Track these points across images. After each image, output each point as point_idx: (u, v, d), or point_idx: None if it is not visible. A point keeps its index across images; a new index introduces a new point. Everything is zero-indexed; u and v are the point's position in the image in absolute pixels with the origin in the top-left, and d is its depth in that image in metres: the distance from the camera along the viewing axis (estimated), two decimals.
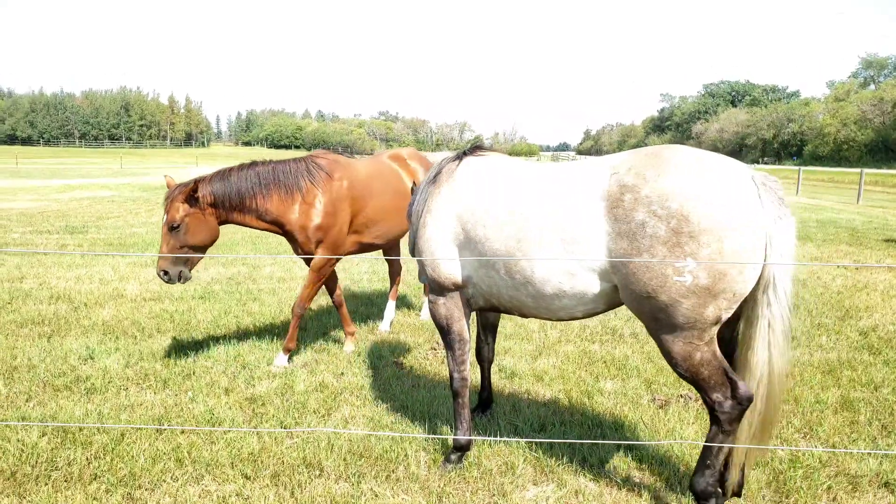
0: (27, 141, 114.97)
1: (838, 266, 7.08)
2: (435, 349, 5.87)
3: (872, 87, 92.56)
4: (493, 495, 3.47)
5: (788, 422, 4.30)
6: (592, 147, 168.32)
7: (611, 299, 3.23)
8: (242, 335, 6.21)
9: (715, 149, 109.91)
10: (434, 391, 4.85)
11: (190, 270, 5.05)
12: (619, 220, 2.97)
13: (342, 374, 5.22)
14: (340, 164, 5.61)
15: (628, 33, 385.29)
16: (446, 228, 3.66)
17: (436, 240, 3.69)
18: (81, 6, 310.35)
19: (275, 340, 6.01)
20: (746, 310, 3.01)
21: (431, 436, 4.05)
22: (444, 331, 3.80)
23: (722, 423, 3.00)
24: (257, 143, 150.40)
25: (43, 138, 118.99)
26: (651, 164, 2.98)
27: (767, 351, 2.97)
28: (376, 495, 3.44)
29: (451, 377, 3.83)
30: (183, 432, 4.06)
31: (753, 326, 2.98)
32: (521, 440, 3.98)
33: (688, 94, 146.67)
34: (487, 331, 4.43)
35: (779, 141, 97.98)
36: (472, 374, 4.73)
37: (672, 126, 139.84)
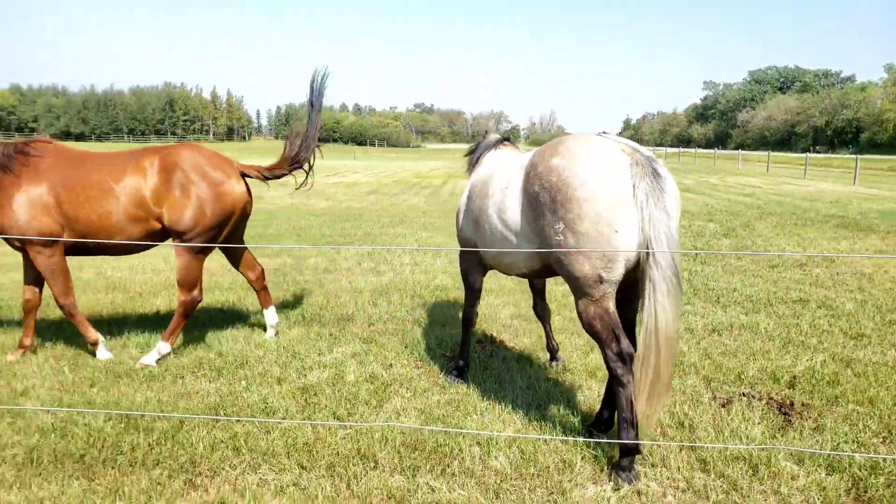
0: (80, 137, 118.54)
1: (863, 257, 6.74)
2: (482, 342, 5.79)
3: None
4: (552, 493, 3.38)
5: (865, 425, 4.09)
6: (633, 137, 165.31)
7: (542, 258, 3.78)
8: (291, 325, 6.24)
9: (762, 137, 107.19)
10: (484, 385, 4.77)
11: None
12: (527, 191, 3.69)
13: (391, 365, 5.18)
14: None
15: (670, 18, 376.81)
16: (463, 202, 4.78)
17: (460, 210, 4.82)
18: (129, 3, 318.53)
19: (324, 331, 6.01)
20: (640, 273, 3.42)
21: (483, 432, 3.97)
22: (464, 280, 4.96)
23: (615, 375, 3.48)
24: None
25: (94, 134, 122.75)
26: (550, 147, 3.67)
27: (653, 311, 3.30)
28: (432, 489, 3.39)
29: (464, 313, 4.98)
30: (238, 421, 4.08)
31: (643, 289, 3.36)
32: (577, 439, 3.88)
33: (732, 82, 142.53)
34: (536, 294, 5.41)
35: (832, 128, 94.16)
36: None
37: (716, 114, 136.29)
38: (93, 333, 5.31)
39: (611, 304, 3.48)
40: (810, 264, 9.30)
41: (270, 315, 5.92)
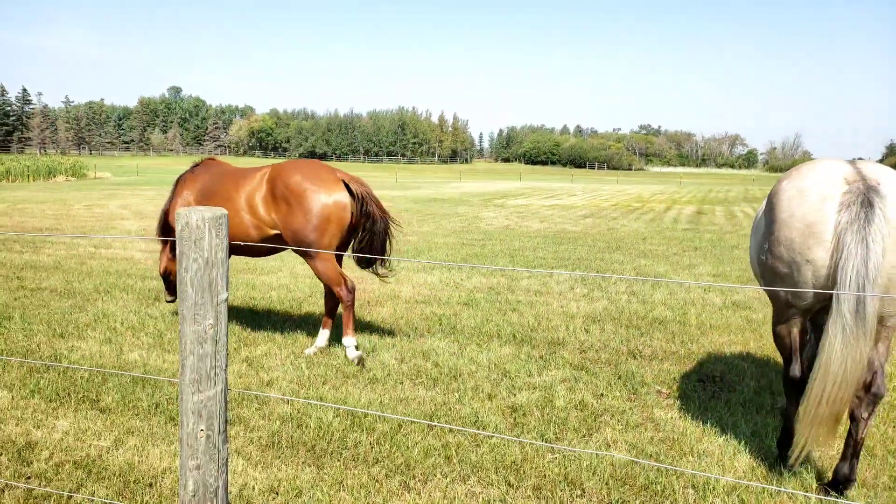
0: (323, 156, 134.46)
1: None
2: (703, 382, 5.48)
3: None
4: None
5: None
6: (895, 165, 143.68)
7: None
8: (503, 343, 6.46)
9: None
10: (703, 427, 4.51)
11: None
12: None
13: (602, 395, 5.13)
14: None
15: None
16: None
17: None
18: (367, 32, 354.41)
19: (534, 352, 6.14)
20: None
21: (700, 473, 3.77)
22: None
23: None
24: (515, 160, 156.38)
25: (335, 154, 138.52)
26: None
27: (824, 344, 3.41)
28: None
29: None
30: (451, 431, 4.34)
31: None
32: (809, 495, 3.51)
33: None
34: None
35: None
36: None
37: None
38: None
39: (795, 328, 3.73)
40: None
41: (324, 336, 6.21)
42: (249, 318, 7.27)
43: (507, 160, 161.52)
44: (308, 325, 7.03)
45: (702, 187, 55.58)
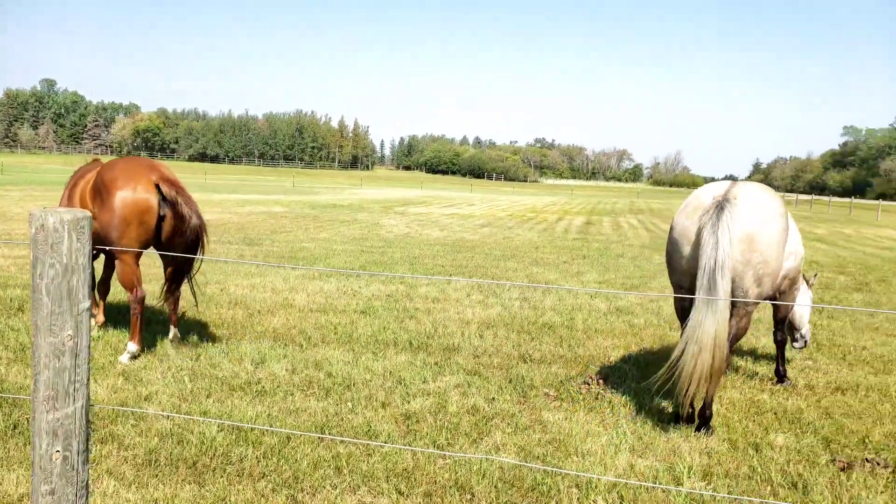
0: (214, 158, 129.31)
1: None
2: (588, 384, 5.71)
3: None
4: None
5: None
6: (762, 181, 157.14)
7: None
8: (399, 351, 6.45)
9: None
10: (587, 427, 4.70)
11: None
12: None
13: (493, 399, 5.23)
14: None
15: (806, 60, 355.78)
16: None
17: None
18: (264, 32, 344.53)
19: (430, 359, 6.17)
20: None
21: (583, 473, 3.92)
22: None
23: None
24: (417, 168, 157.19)
25: (228, 156, 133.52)
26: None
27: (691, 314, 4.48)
28: None
29: None
30: (342, 442, 4.27)
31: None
32: (681, 489, 3.73)
33: (876, 126, 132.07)
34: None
35: None
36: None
37: (856, 161, 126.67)
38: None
39: (686, 302, 4.86)
40: None
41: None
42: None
43: (408, 168, 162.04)
44: (195, 333, 6.71)
45: (591, 199, 58.21)
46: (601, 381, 5.76)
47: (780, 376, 5.88)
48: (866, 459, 4.25)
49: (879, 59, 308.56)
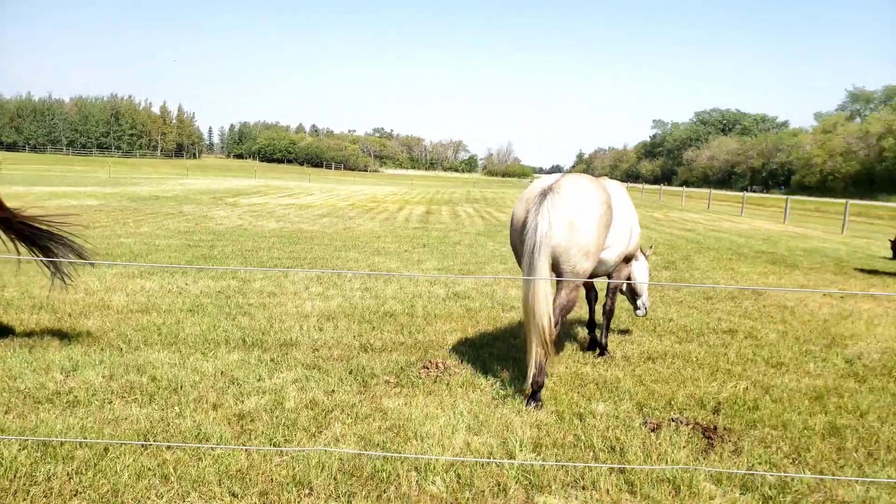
0: (12, 147, 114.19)
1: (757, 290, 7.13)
2: (427, 368, 5.83)
3: (858, 120, 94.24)
4: None
5: (778, 447, 4.31)
6: (585, 170, 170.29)
7: None
8: (232, 349, 6.14)
9: (705, 176, 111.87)
10: (426, 410, 4.81)
11: None
12: None
13: (333, 391, 5.17)
14: None
15: (624, 56, 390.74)
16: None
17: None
18: (75, 9, 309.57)
19: (265, 356, 5.95)
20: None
21: (421, 456, 4.00)
22: None
23: None
24: (250, 156, 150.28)
25: (28, 144, 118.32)
26: None
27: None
28: None
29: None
30: (169, 448, 3.99)
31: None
32: (514, 462, 3.95)
33: (680, 121, 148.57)
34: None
35: (767, 170, 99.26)
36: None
37: (664, 152, 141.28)
38: None
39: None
40: (741, 297, 9.72)
41: None
42: None
43: (240, 157, 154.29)
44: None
45: (430, 189, 59.47)
46: (440, 365, 5.91)
47: (602, 348, 6.43)
48: (672, 419, 4.78)
49: (683, 57, 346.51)
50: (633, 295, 6.97)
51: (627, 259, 6.37)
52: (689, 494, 3.66)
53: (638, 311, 7.04)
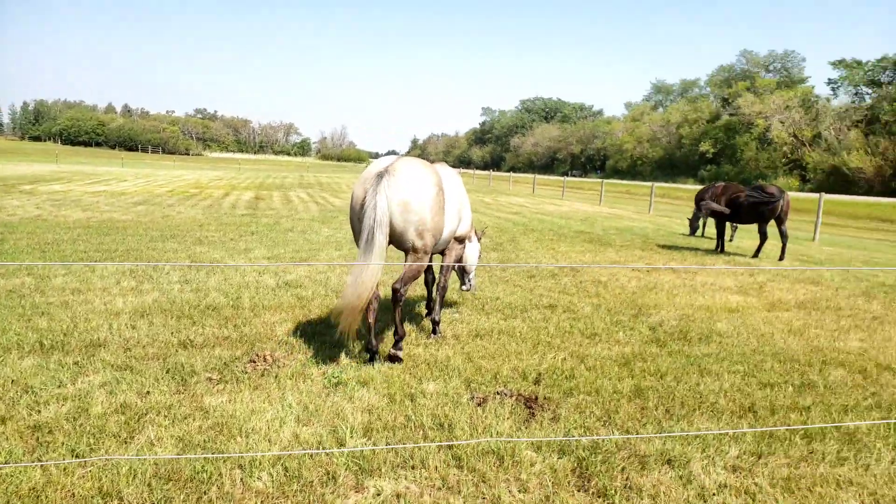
0: None
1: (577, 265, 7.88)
2: (254, 362, 5.59)
3: (661, 110, 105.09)
4: None
5: (591, 412, 4.69)
6: (419, 155, 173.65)
7: None
8: (25, 354, 5.45)
9: (531, 161, 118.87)
10: (252, 405, 4.61)
11: None
12: None
13: (148, 392, 4.77)
14: None
15: (454, 43, 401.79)
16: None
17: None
18: None
19: (67, 359, 5.35)
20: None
21: (246, 454, 3.83)
22: None
23: None
24: (49, 138, 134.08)
25: None
26: None
27: None
28: None
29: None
30: None
31: None
32: (343, 450, 3.91)
33: (507, 109, 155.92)
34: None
35: (585, 155, 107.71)
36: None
37: (493, 138, 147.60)
38: None
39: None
40: (561, 274, 10.45)
41: None
42: None
43: (37, 139, 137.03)
44: None
45: (260, 173, 57.14)
46: (268, 358, 5.70)
47: (435, 324, 6.62)
48: (497, 392, 5.01)
49: (510, 46, 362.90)
50: (462, 273, 7.41)
51: (460, 240, 6.69)
52: (512, 463, 3.86)
53: (463, 287, 7.47)
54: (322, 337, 6.36)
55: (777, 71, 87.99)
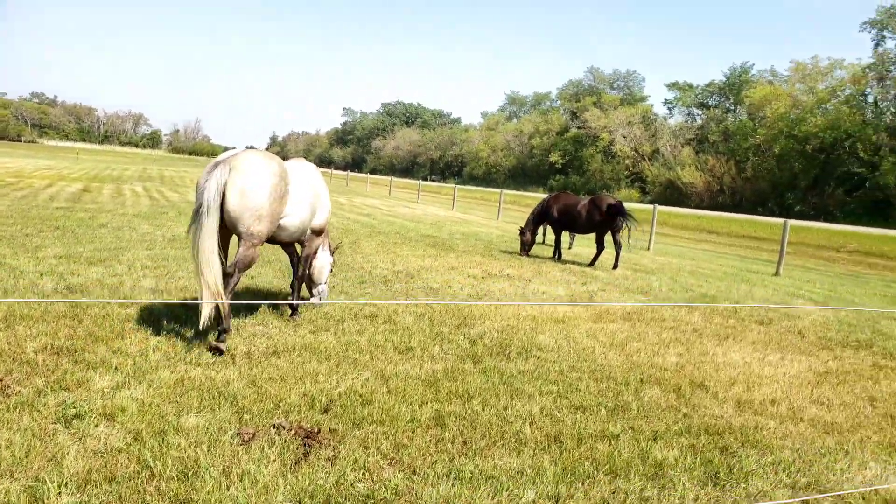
0: None
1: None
2: None
3: (515, 120, 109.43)
4: None
5: (378, 447, 4.03)
6: (279, 153, 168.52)
7: None
8: None
9: (392, 164, 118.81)
10: None
11: None
12: None
13: None
14: None
15: (315, 40, 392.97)
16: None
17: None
18: None
19: None
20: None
21: None
22: None
23: None
24: None
25: None
26: None
27: None
28: None
29: None
30: None
31: None
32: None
33: (369, 111, 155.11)
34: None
35: (444, 161, 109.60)
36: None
37: (354, 140, 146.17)
38: None
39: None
40: (394, 280, 9.85)
41: None
42: None
43: None
44: None
45: (100, 164, 52.13)
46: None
47: (294, 309, 7.05)
48: (273, 425, 4.23)
49: (371, 49, 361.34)
50: (310, 282, 7.50)
51: (317, 232, 7.07)
52: None
53: (313, 300, 7.52)
54: (81, 353, 5.23)
55: (621, 88, 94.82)
